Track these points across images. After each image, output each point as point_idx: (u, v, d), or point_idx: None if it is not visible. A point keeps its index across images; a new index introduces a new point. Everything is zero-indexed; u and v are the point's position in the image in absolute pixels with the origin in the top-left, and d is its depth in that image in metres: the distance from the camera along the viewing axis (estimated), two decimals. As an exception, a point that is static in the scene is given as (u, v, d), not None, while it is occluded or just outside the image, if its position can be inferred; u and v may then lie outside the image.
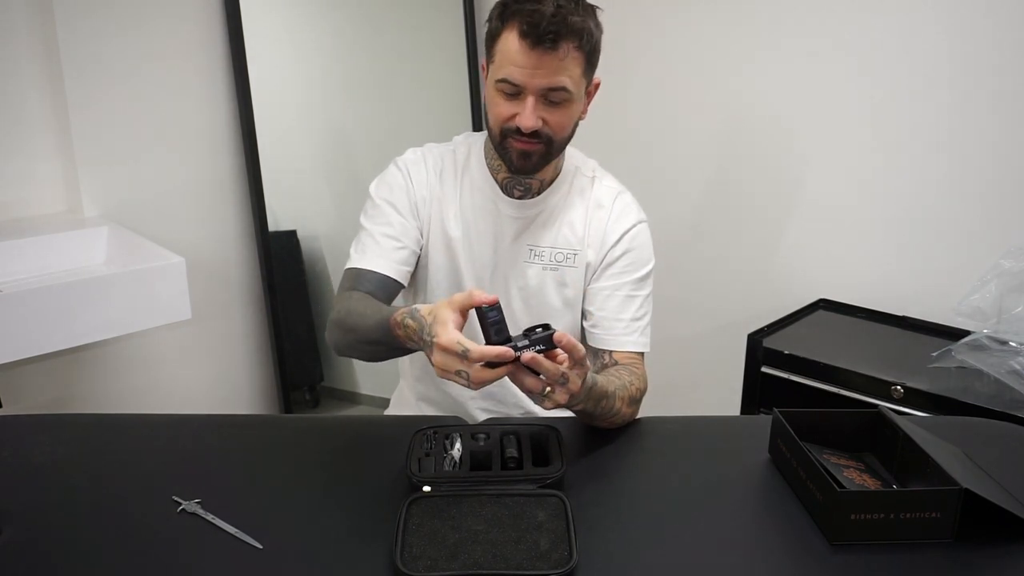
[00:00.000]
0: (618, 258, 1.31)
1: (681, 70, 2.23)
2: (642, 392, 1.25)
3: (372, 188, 1.32)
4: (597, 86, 1.24)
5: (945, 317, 1.83)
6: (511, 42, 1.14)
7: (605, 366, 1.28)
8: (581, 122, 1.26)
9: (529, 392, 1.00)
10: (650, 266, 1.34)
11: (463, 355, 0.96)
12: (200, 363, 2.34)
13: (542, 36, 1.11)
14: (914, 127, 1.86)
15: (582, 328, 1.35)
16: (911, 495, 0.98)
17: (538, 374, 0.99)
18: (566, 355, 1.00)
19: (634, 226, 1.32)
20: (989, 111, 1.75)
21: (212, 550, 0.97)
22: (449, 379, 0.99)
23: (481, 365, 0.97)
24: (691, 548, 0.97)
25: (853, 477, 1.04)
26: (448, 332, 0.98)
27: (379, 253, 1.27)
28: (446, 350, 0.97)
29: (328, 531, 1.01)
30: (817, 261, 2.07)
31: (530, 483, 1.04)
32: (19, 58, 1.93)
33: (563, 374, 0.99)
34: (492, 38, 1.19)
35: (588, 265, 1.32)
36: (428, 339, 1.01)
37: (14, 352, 1.63)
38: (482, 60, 1.24)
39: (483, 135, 1.32)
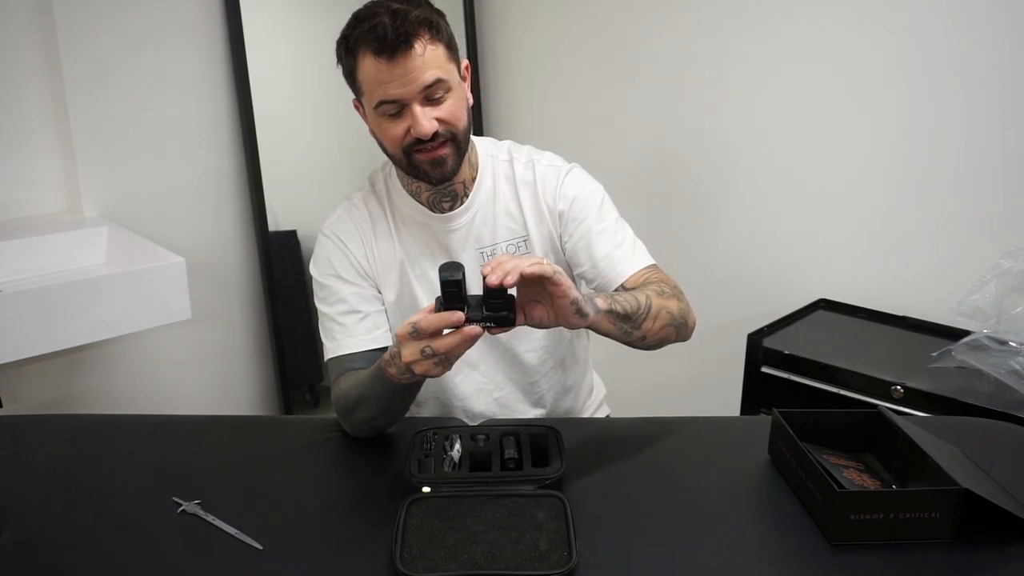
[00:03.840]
0: (568, 211, 1.28)
1: (680, 69, 2.23)
2: (675, 285, 1.22)
3: (312, 269, 1.30)
4: (468, 68, 1.22)
5: (945, 317, 1.82)
6: (369, 67, 1.13)
7: None
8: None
9: (539, 323, 1.00)
10: (599, 194, 1.30)
11: (415, 333, 0.97)
12: (200, 363, 2.34)
13: (395, 44, 1.09)
14: (914, 127, 1.86)
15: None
16: (911, 495, 0.98)
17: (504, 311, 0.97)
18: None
19: (564, 177, 1.29)
20: (989, 111, 1.75)
21: (212, 551, 0.97)
22: (427, 371, 0.99)
23: (444, 335, 0.97)
24: (691, 548, 0.97)
25: (853, 477, 1.04)
26: (403, 326, 0.98)
27: (348, 333, 1.26)
28: (402, 339, 0.99)
29: (328, 531, 1.01)
30: (817, 261, 2.07)
31: (529, 484, 1.04)
32: (19, 58, 1.93)
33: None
34: (350, 75, 1.18)
35: (544, 240, 1.29)
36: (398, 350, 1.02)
37: (14, 352, 1.63)
38: (352, 101, 1.23)
39: (391, 167, 1.30)
